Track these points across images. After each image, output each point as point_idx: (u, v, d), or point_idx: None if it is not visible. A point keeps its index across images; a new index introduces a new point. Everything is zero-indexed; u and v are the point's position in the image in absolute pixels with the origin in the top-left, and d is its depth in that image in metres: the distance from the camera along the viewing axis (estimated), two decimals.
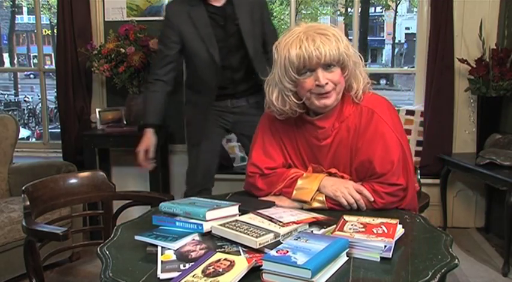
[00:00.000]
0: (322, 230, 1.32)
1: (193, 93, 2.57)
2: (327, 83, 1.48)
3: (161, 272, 1.10)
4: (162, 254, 1.19)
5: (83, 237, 2.71)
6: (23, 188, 1.80)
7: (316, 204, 1.54)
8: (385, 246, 1.17)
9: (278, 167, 1.65)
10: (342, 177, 1.57)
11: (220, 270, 1.07)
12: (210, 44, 2.35)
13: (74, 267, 1.80)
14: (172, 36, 2.38)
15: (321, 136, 1.59)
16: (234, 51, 2.42)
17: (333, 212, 1.47)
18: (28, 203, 1.74)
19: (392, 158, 1.51)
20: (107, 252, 1.24)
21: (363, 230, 1.25)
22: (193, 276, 1.05)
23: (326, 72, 1.48)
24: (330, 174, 1.59)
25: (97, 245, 1.70)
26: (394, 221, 1.31)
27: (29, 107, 12.11)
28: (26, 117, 12.00)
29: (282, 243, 1.16)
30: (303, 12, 16.00)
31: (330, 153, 1.59)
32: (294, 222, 1.30)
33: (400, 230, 1.30)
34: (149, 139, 2.36)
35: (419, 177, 2.49)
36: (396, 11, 16.69)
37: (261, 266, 1.07)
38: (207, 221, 1.30)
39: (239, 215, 1.38)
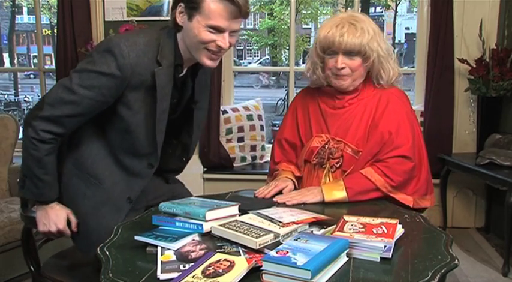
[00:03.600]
0: (322, 230, 1.32)
1: (92, 181, 1.63)
2: (343, 68, 1.69)
3: (161, 273, 1.11)
4: (162, 254, 1.19)
5: None
6: (18, 180, 1.87)
7: (338, 195, 1.63)
8: (385, 247, 1.17)
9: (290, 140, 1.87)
10: (347, 145, 1.73)
11: (220, 270, 1.07)
12: (160, 127, 1.58)
13: (68, 253, 1.95)
14: (109, 97, 1.51)
15: (337, 105, 1.79)
16: (166, 134, 1.63)
17: (333, 212, 1.47)
18: None
19: (408, 134, 1.69)
20: (107, 252, 1.23)
21: (363, 230, 1.25)
22: (193, 276, 1.05)
23: (346, 58, 1.68)
24: (335, 140, 1.75)
25: None
26: (394, 221, 1.31)
27: (29, 107, 12.13)
28: None
29: (282, 243, 1.16)
30: (303, 12, 16.00)
31: (339, 122, 1.77)
32: (294, 223, 1.31)
33: (400, 230, 1.30)
34: (63, 212, 1.63)
35: None
36: (396, 11, 16.69)
37: (261, 266, 1.07)
38: (207, 221, 1.30)
39: (239, 215, 1.38)
